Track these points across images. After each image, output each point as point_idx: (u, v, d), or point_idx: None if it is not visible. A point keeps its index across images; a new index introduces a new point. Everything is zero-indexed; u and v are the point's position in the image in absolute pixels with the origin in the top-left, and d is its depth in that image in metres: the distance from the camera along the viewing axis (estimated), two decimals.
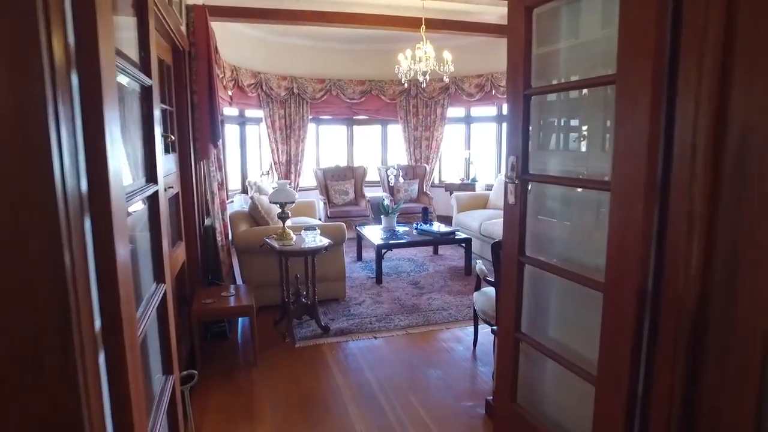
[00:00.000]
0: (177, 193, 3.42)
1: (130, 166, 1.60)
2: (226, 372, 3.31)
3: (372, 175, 8.38)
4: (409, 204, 7.53)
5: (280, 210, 3.82)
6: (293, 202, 3.81)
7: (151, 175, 1.66)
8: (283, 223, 3.84)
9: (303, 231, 3.76)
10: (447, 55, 5.66)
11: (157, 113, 1.67)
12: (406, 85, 5.83)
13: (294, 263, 3.91)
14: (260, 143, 7.97)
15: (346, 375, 3.26)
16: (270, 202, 3.85)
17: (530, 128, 2.13)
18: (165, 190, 2.87)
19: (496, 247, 2.92)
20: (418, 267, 5.78)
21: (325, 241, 3.73)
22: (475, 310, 3.51)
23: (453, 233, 5.48)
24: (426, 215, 5.93)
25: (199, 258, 3.74)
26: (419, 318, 4.20)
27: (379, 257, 5.14)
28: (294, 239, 3.82)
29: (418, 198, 8.04)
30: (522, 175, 2.15)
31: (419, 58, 5.54)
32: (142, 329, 1.27)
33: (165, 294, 1.76)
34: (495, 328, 3.03)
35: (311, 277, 3.84)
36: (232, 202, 6.63)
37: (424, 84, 5.52)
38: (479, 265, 3.48)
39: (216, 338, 3.76)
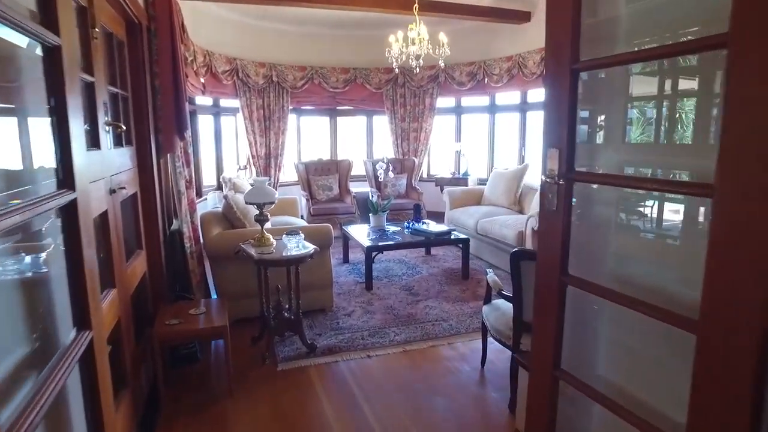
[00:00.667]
0: (134, 194, 2.89)
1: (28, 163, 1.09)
2: (196, 405, 2.81)
3: (357, 169, 7.88)
4: (397, 200, 7.06)
5: (257, 212, 3.32)
6: (273, 203, 3.31)
7: (65, 179, 1.16)
8: (262, 226, 3.34)
9: (284, 235, 3.27)
10: (443, 36, 5.18)
11: (72, 87, 1.16)
12: (397, 70, 5.35)
13: (275, 273, 3.42)
14: (237, 135, 7.41)
15: (338, 407, 2.79)
16: (246, 203, 3.35)
17: (577, 114, 1.67)
18: (113, 191, 2.35)
19: (517, 258, 2.48)
20: (410, 269, 5.33)
21: (310, 248, 3.24)
22: (484, 325, 3.07)
23: (449, 233, 5.04)
24: (418, 213, 5.47)
25: (163, 268, 3.22)
26: (417, 331, 3.75)
27: (369, 260, 4.67)
28: (274, 245, 3.32)
29: (406, 193, 7.57)
30: (567, 174, 1.69)
31: (412, 41, 5.05)
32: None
33: (92, 345, 1.26)
34: (514, 353, 2.59)
35: (295, 289, 3.35)
36: (206, 199, 6.08)
37: (417, 69, 5.04)
38: (492, 276, 3.02)
39: (185, 361, 3.25)
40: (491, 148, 7.80)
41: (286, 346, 3.49)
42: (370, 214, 5.42)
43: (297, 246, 3.22)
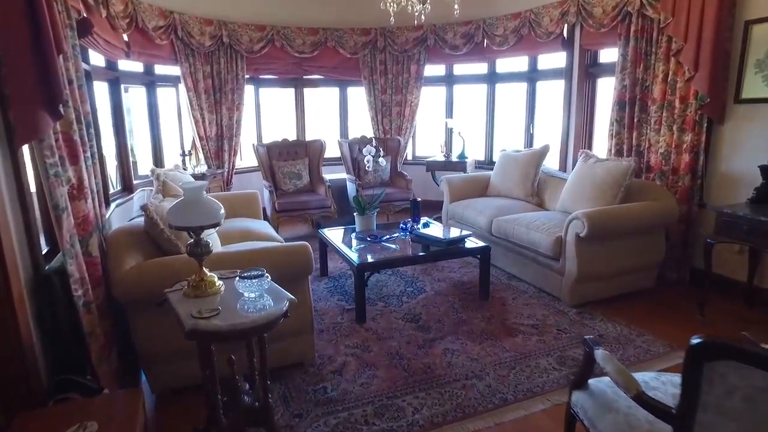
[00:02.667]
0: None
1: None
2: None
3: (330, 151, 6.55)
4: (381, 188, 5.77)
5: (191, 241, 2.00)
6: (216, 225, 1.99)
7: None
8: (199, 263, 2.02)
9: (237, 280, 1.95)
10: None
11: None
12: (393, 20, 3.98)
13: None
14: (179, 112, 5.92)
15: None
16: (172, 227, 2.01)
17: None
18: None
19: (707, 353, 1.26)
20: (410, 286, 4.10)
21: (281, 302, 1.94)
22: (573, 414, 1.88)
23: (463, 240, 3.81)
24: (417, 211, 4.22)
25: (33, 340, 1.88)
26: (443, 401, 2.54)
27: (361, 285, 3.40)
28: (221, 292, 2.02)
29: (391, 180, 6.30)
30: None
31: None
32: None
33: None
34: None
35: (259, 365, 2.06)
36: (132, 199, 4.62)
37: (422, 17, 3.71)
38: (603, 357, 1.76)
39: None
40: (490, 125, 6.58)
41: None
42: (356, 214, 4.14)
43: (259, 297, 1.92)
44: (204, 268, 2.04)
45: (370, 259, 3.50)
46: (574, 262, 3.56)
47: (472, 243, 3.83)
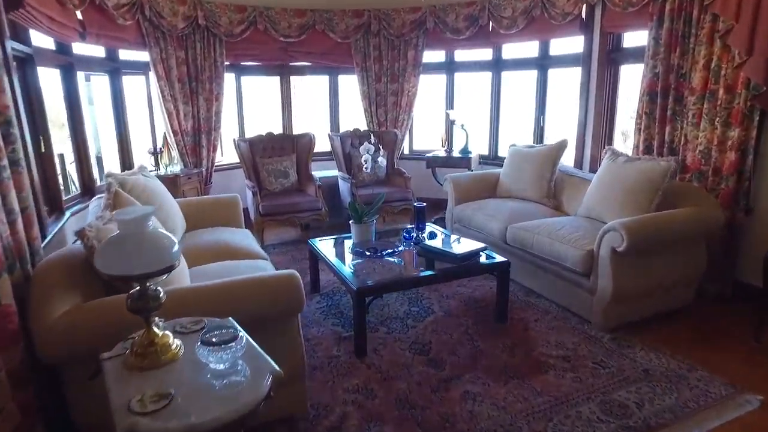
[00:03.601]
0: None
1: None
2: None
3: (320, 145, 5.96)
4: (377, 189, 5.21)
5: (133, 291, 1.43)
6: (169, 270, 1.42)
7: None
8: (147, 323, 1.45)
9: (198, 346, 1.39)
10: None
11: None
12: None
13: None
14: (150, 104, 5.28)
15: None
16: (106, 277, 1.43)
17: None
18: None
19: None
20: (415, 305, 3.57)
21: (260, 376, 1.38)
22: None
23: (477, 254, 3.27)
24: (422, 219, 3.67)
25: None
26: None
27: (362, 313, 2.85)
28: (179, 359, 1.46)
29: (388, 179, 5.74)
30: None
31: None
32: None
33: None
34: None
35: None
36: (87, 208, 3.99)
37: None
38: None
39: None
40: (495, 117, 6.02)
41: None
42: (352, 223, 3.58)
43: (231, 368, 1.36)
44: (154, 327, 1.47)
45: (371, 280, 2.94)
46: (608, 280, 3.04)
47: (491, 260, 3.29)
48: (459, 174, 4.80)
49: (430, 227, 3.89)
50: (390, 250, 3.32)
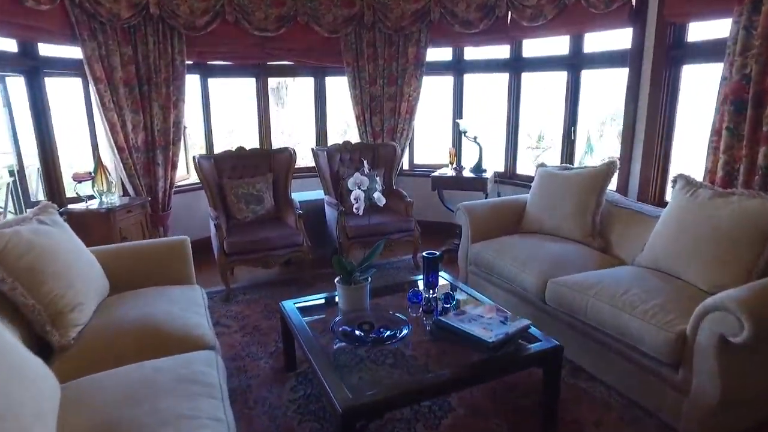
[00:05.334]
0: None
1: None
2: None
3: (302, 158, 4.98)
4: (374, 219, 4.21)
5: None
6: None
7: None
8: None
9: None
10: None
11: None
12: None
13: None
14: (89, 112, 4.25)
15: None
16: None
17: None
18: None
19: None
20: (428, 400, 2.57)
21: None
22: None
23: (515, 339, 2.26)
24: (433, 270, 2.68)
25: None
26: None
27: None
28: None
29: (385, 204, 4.72)
30: None
31: None
32: None
33: None
34: None
35: None
36: None
37: None
38: None
39: None
40: (513, 127, 5.03)
41: None
42: (338, 282, 2.58)
43: None
44: None
45: (366, 393, 1.94)
46: (713, 378, 2.07)
47: (540, 345, 2.30)
48: (475, 202, 3.81)
49: (443, 279, 2.92)
50: (391, 331, 2.32)
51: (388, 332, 2.31)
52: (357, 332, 2.31)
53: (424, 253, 2.71)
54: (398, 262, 4.69)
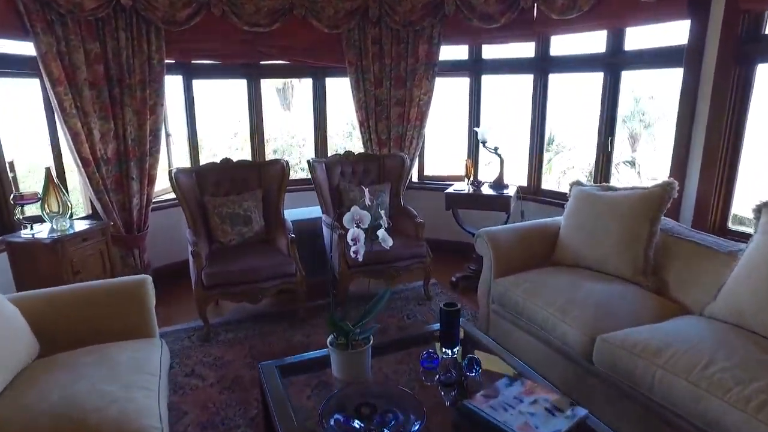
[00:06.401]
0: None
1: None
2: None
3: (298, 168, 4.37)
4: (380, 245, 3.61)
5: None
6: None
7: None
8: None
9: None
10: None
11: None
12: None
13: None
14: (51, 119, 3.67)
15: None
16: None
17: None
18: None
19: None
20: None
21: None
22: None
23: None
24: (451, 333, 2.09)
25: None
26: None
27: None
28: None
29: (392, 227, 4.13)
30: None
31: None
32: None
33: None
34: None
35: None
36: None
37: None
38: None
39: None
40: (538, 135, 4.42)
41: None
42: (331, 348, 1.99)
43: None
44: None
45: None
46: None
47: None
48: (498, 229, 3.20)
49: (464, 331, 2.33)
50: (399, 419, 1.72)
51: (395, 421, 1.72)
52: (354, 423, 1.71)
53: (441, 305, 2.11)
54: (406, 291, 4.10)
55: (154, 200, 4.14)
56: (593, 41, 3.93)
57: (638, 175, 14.05)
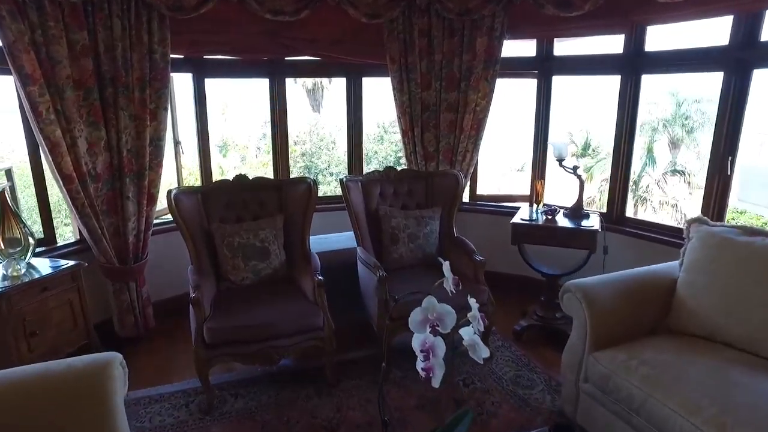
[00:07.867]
0: None
1: None
2: None
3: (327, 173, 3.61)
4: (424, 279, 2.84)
5: None
6: None
7: None
8: None
9: None
10: None
11: None
12: None
13: None
14: (27, 124, 3.00)
15: None
16: None
17: None
18: None
19: None
20: None
21: None
22: None
23: None
24: None
25: None
26: None
27: None
28: None
29: (442, 258, 3.34)
30: None
31: None
32: None
33: None
34: None
35: None
36: None
37: None
38: None
39: None
40: (625, 151, 3.55)
41: None
42: None
43: None
44: None
45: None
46: None
47: None
48: (595, 282, 2.37)
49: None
50: None
51: None
52: None
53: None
54: (457, 341, 3.30)
55: (156, 220, 3.46)
56: (696, 34, 3.07)
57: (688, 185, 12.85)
